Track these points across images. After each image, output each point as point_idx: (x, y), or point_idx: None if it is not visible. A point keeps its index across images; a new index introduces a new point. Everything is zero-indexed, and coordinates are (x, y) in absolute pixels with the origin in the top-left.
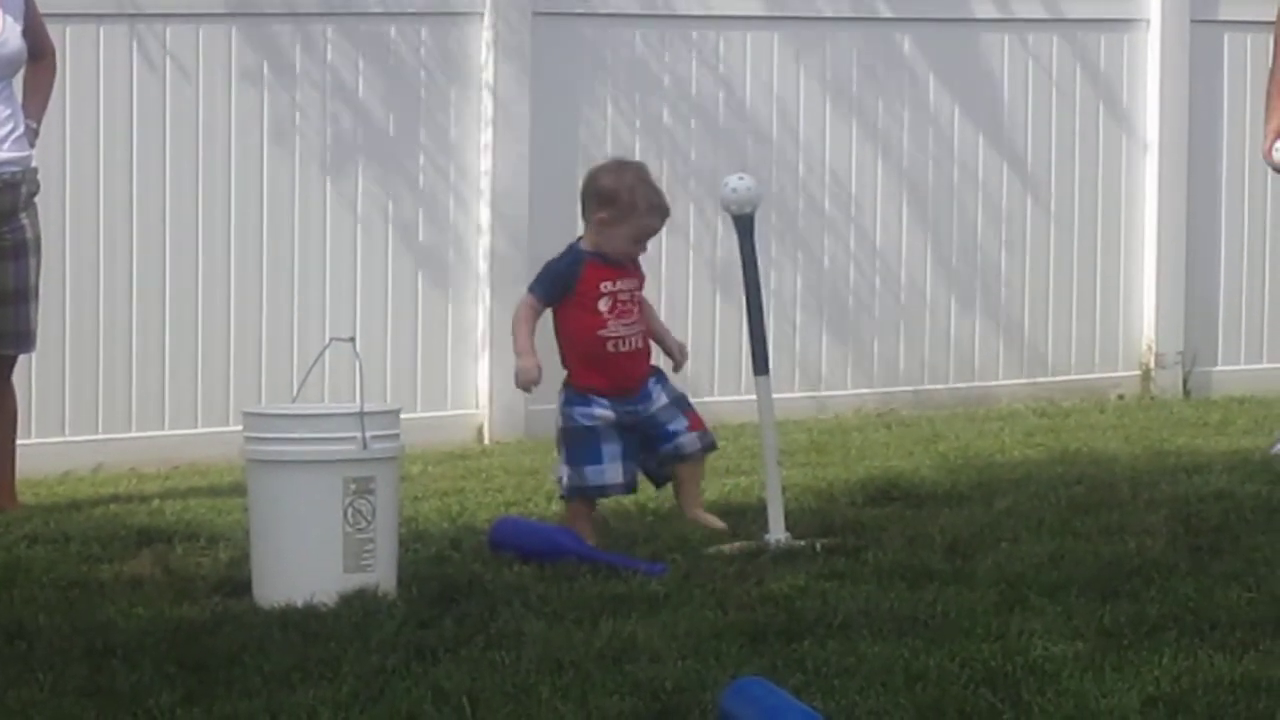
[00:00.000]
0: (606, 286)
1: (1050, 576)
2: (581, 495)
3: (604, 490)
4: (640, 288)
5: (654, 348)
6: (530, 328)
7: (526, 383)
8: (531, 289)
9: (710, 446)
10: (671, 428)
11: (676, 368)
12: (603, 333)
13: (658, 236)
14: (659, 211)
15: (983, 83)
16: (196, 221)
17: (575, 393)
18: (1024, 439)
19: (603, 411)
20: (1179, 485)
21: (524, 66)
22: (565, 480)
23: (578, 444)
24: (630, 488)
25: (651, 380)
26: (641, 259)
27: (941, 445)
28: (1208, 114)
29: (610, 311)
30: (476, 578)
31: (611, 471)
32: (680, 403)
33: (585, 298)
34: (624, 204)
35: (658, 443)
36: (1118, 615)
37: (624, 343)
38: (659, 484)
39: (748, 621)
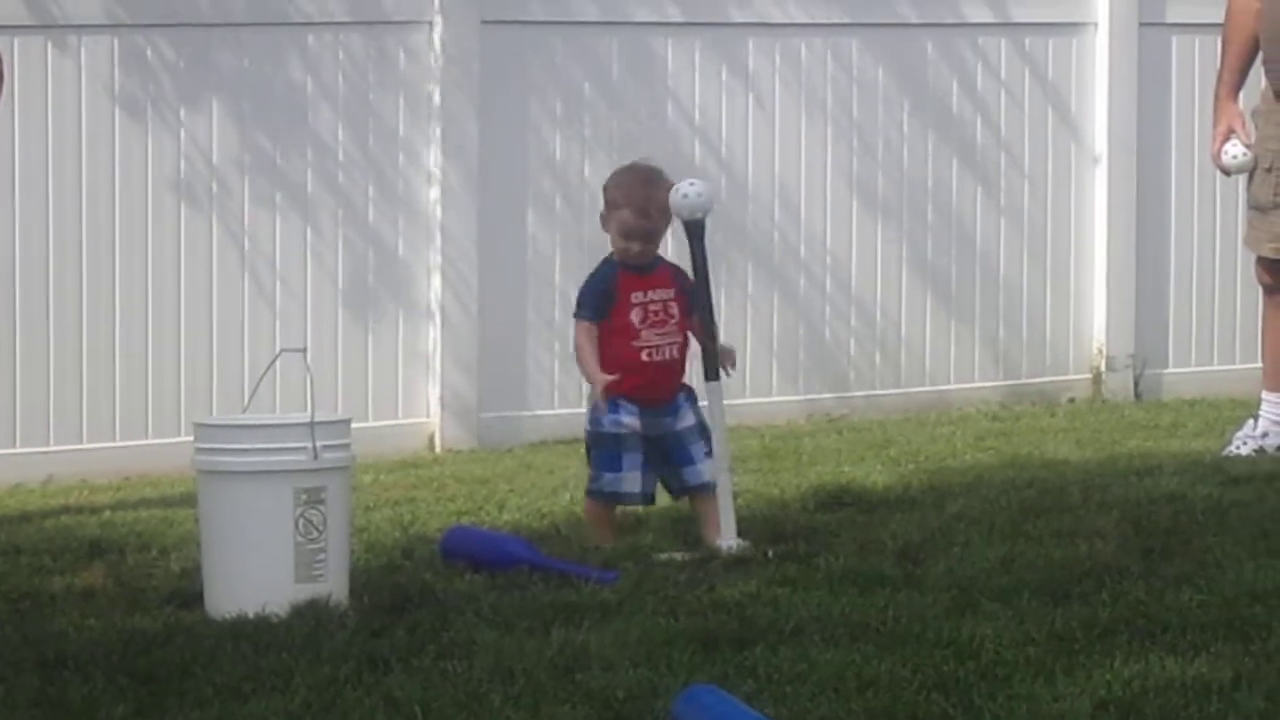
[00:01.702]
0: (637, 297)
1: (1001, 581)
2: (599, 499)
3: (618, 498)
4: (678, 296)
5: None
6: (593, 351)
7: (608, 391)
8: (578, 315)
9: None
10: (693, 450)
11: (726, 372)
12: (636, 344)
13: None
14: (641, 206)
15: (932, 87)
16: (146, 232)
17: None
18: (975, 443)
19: (630, 420)
20: (1130, 488)
21: (472, 75)
22: (591, 485)
23: (601, 449)
24: (649, 499)
25: (683, 396)
26: (590, 261)
27: (893, 450)
28: (1156, 117)
29: (643, 322)
30: (428, 587)
31: (629, 481)
32: (705, 430)
33: (619, 309)
34: (609, 201)
35: (678, 463)
36: (1069, 619)
37: (657, 352)
38: (675, 494)
39: (699, 629)
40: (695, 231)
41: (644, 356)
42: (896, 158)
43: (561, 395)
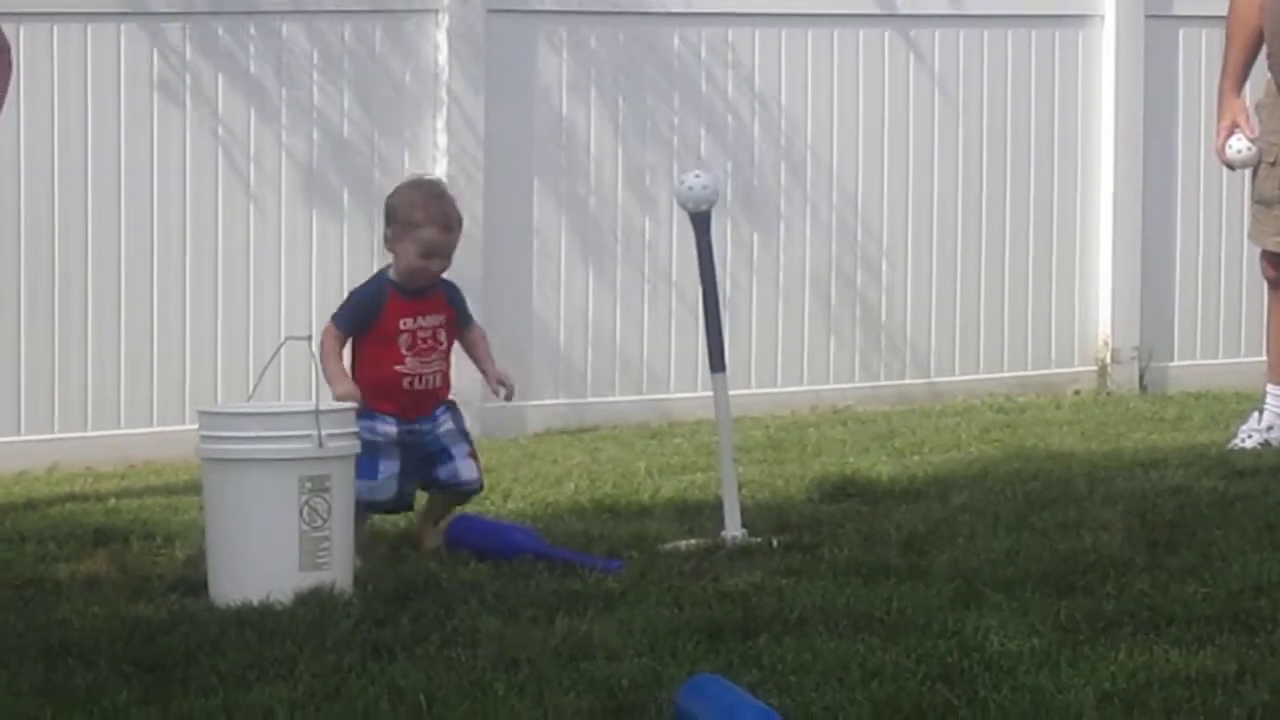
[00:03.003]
0: (406, 324)
1: (1006, 572)
2: (365, 508)
3: (374, 506)
4: (448, 324)
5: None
6: (339, 357)
7: (346, 398)
8: (334, 318)
9: (480, 488)
10: (453, 450)
11: (507, 397)
12: (399, 368)
13: (613, 231)
14: (442, 221)
15: (939, 78)
16: (151, 220)
17: (363, 408)
18: (980, 435)
19: (385, 428)
20: (1135, 480)
21: (479, 64)
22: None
23: (360, 458)
24: (402, 505)
25: (441, 407)
26: (595, 251)
27: (898, 441)
28: (1163, 109)
29: (410, 349)
30: (432, 576)
31: (385, 488)
32: (465, 435)
33: (385, 333)
34: (404, 220)
35: (436, 464)
36: (1074, 611)
37: (420, 380)
38: (432, 491)
39: (704, 618)
40: (701, 223)
41: (405, 384)
42: (901, 147)
43: (565, 386)
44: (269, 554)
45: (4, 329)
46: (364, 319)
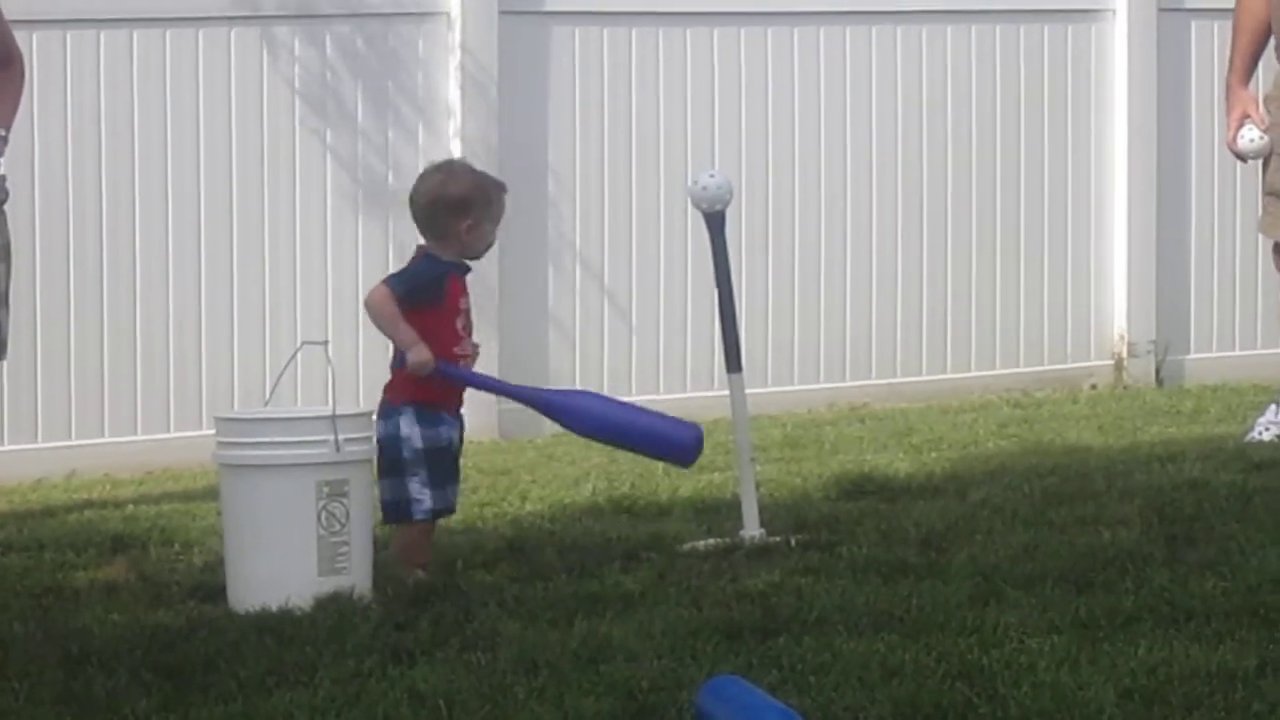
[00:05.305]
0: (464, 303)
1: (1025, 568)
2: (430, 518)
3: (448, 512)
4: None
5: None
6: (405, 320)
7: (425, 365)
8: (389, 283)
9: None
10: (459, 469)
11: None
12: (456, 350)
13: (628, 232)
14: (502, 188)
15: (952, 74)
16: (166, 227)
17: (426, 410)
18: (997, 430)
19: (449, 433)
20: (1153, 475)
21: (492, 65)
22: (429, 503)
23: (440, 463)
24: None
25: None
26: (611, 252)
27: (915, 438)
28: (1176, 103)
29: (464, 329)
30: (451, 579)
31: (453, 492)
32: None
33: (448, 314)
34: (480, 201)
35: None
36: (1093, 607)
37: (466, 363)
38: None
39: (723, 619)
40: (715, 223)
41: (460, 366)
42: (915, 144)
43: (583, 388)
44: (287, 559)
45: (21, 337)
46: (426, 294)
